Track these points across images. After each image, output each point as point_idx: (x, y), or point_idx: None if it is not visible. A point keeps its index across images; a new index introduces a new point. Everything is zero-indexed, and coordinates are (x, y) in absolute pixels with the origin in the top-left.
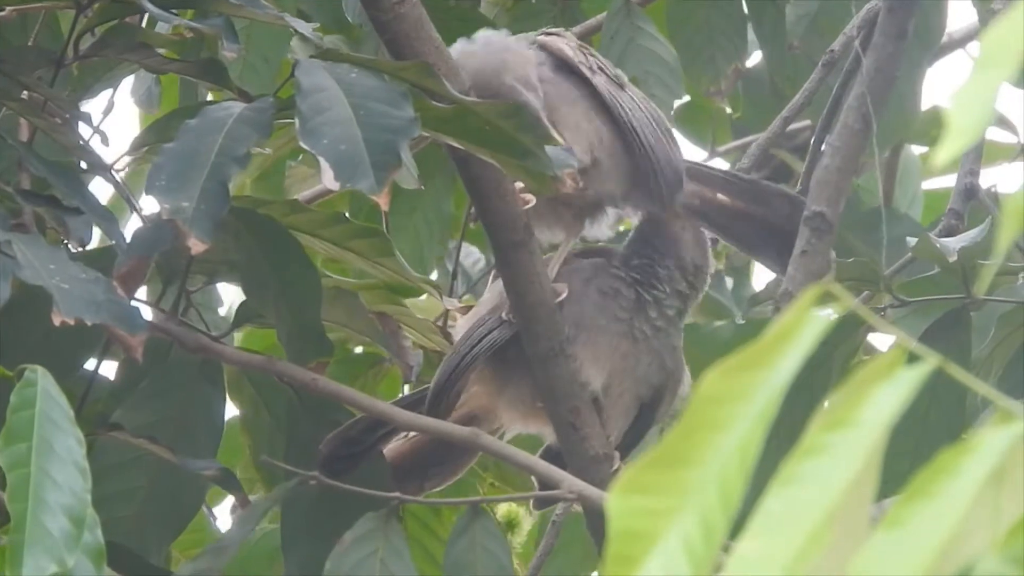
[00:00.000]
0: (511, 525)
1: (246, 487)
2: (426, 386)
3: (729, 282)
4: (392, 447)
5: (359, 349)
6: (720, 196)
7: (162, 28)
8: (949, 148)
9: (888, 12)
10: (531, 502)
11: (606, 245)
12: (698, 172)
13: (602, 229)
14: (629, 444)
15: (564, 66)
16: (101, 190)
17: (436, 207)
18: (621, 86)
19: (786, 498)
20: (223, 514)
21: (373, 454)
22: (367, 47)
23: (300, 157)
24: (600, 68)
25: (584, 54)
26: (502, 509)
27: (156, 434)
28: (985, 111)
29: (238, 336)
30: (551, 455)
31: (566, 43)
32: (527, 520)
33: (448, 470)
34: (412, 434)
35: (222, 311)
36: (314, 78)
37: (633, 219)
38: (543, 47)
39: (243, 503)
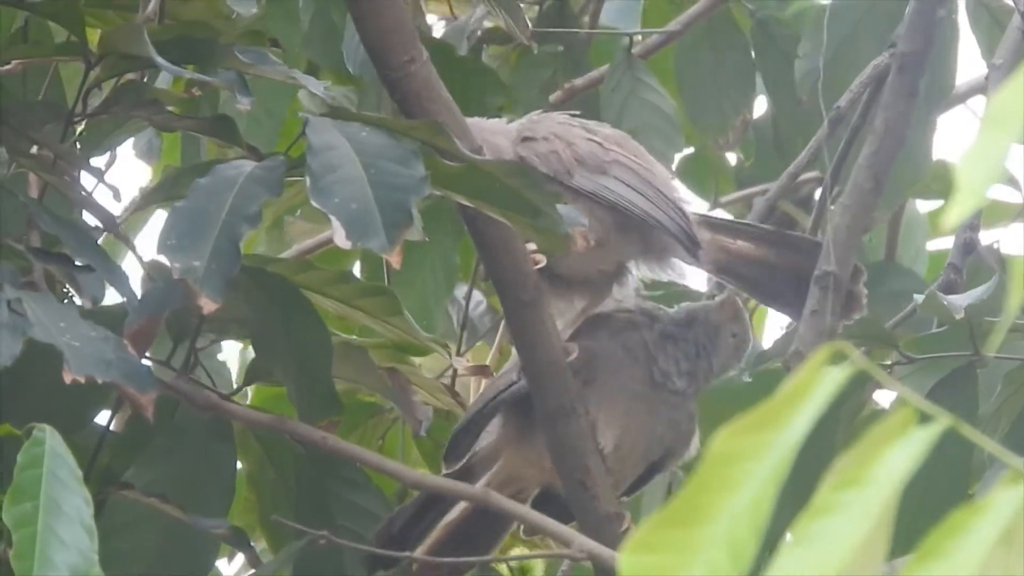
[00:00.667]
0: (524, 571)
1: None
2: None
3: None
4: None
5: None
6: (745, 245)
7: (163, 82)
8: (958, 209)
9: (899, 71)
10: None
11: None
12: (725, 226)
13: (627, 291)
14: (628, 493)
15: None
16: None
17: (443, 260)
18: (604, 171)
19: (799, 557)
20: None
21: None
22: (369, 97)
23: (299, 212)
24: (578, 160)
25: (559, 156)
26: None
27: (167, 492)
28: (993, 171)
29: None
30: (544, 501)
31: (536, 152)
32: (539, 567)
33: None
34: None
35: (220, 357)
36: (325, 136)
37: (663, 276)
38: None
39: (253, 562)
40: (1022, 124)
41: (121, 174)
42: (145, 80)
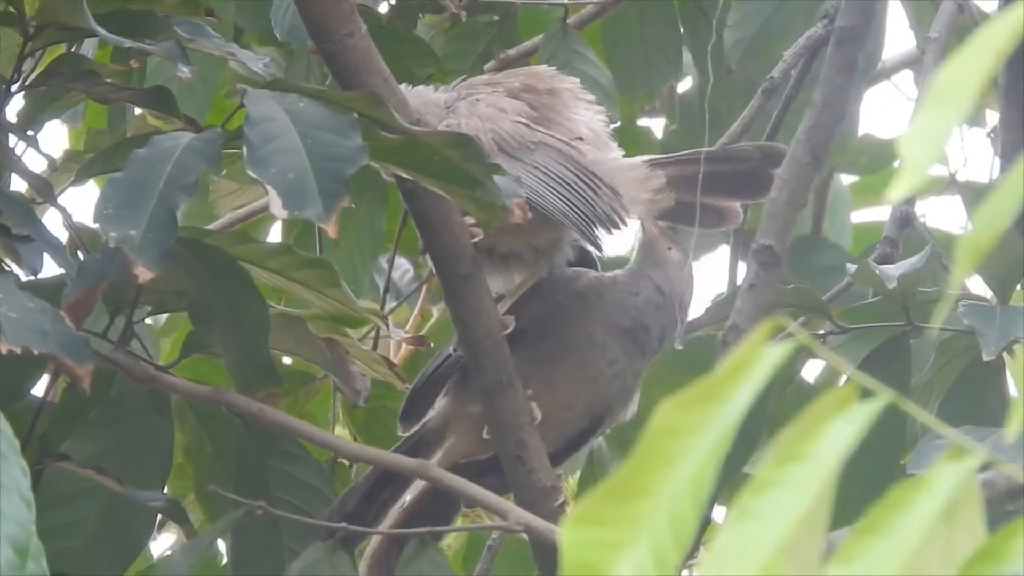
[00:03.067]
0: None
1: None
2: (411, 433)
3: None
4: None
5: (287, 361)
6: (688, 171)
7: (85, 51)
8: (902, 186)
9: (837, 45)
10: None
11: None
12: (667, 163)
13: (562, 260)
14: (563, 454)
15: None
16: None
17: (368, 224)
18: (525, 155)
19: (739, 532)
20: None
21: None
22: (299, 63)
23: (224, 171)
24: (498, 145)
25: (479, 140)
26: None
27: (105, 465)
28: (937, 149)
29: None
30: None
31: (467, 120)
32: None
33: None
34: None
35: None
36: (263, 108)
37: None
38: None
39: (189, 534)
40: (966, 102)
41: (42, 137)
42: (73, 50)
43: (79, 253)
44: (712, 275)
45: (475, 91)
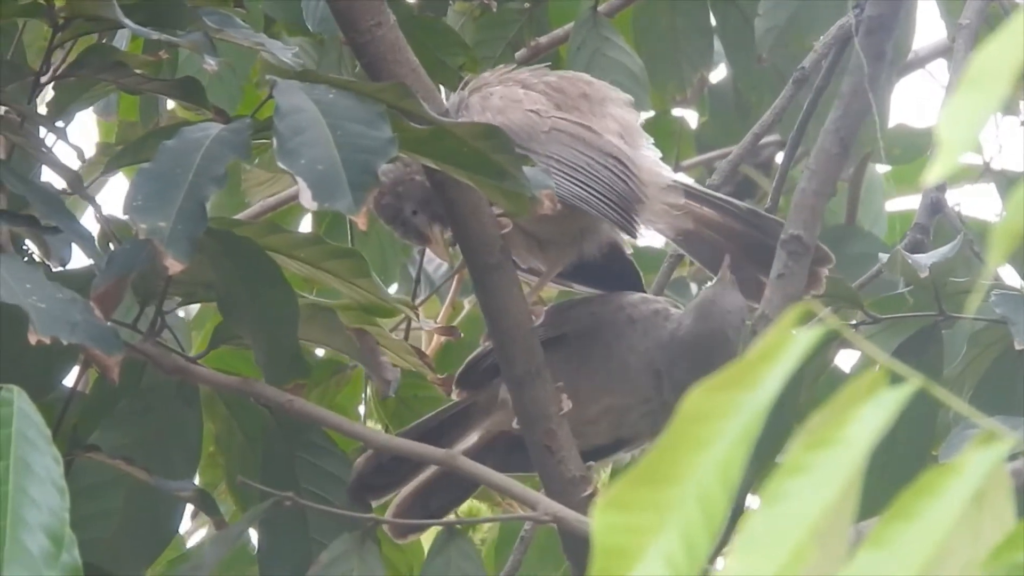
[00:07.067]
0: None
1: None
2: (431, 415)
3: (694, 288)
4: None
5: (320, 352)
6: (716, 218)
7: (118, 42)
8: (940, 167)
9: (867, 34)
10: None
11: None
12: (696, 194)
13: (593, 248)
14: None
15: None
16: None
17: None
18: (537, 146)
19: (770, 516)
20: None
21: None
22: (331, 54)
23: (256, 160)
24: (510, 135)
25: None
26: (463, 506)
27: (134, 455)
28: (973, 131)
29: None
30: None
31: (479, 117)
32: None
33: (448, 506)
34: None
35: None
36: (292, 99)
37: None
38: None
39: (219, 525)
40: (1002, 86)
41: (73, 129)
42: (103, 42)
43: (111, 245)
44: None
45: (489, 84)
